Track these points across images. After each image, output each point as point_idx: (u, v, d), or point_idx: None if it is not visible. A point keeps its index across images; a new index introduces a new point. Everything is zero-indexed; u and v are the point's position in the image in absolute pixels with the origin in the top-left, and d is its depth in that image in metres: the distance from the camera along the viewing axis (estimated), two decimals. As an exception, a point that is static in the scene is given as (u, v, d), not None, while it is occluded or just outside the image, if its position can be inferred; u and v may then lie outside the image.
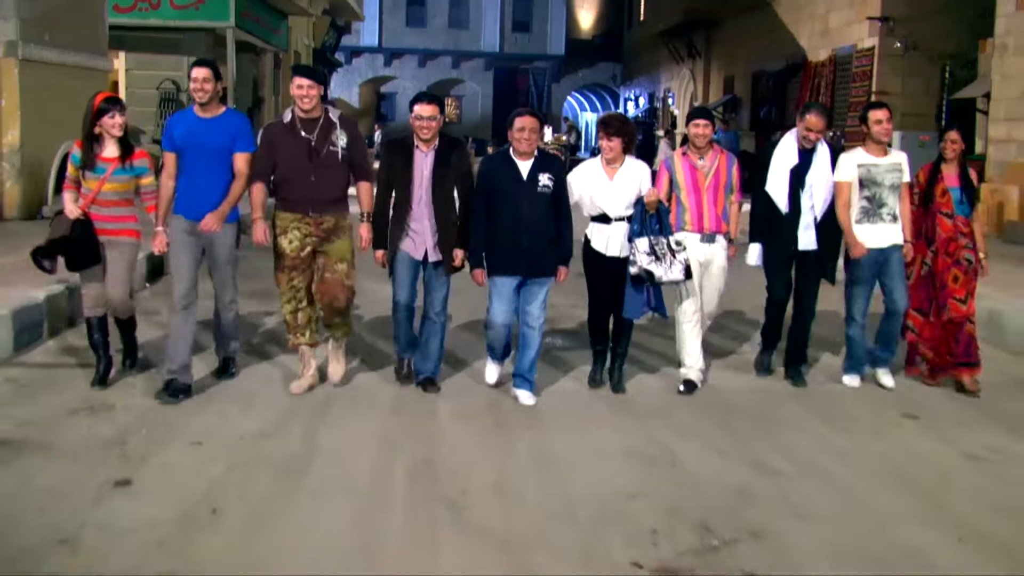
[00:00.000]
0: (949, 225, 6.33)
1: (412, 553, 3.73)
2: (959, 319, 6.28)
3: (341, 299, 5.76)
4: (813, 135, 6.12)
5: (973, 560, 3.86)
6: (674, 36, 31.49)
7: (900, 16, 18.29)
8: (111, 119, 5.55)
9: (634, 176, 5.86)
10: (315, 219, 5.58)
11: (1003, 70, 14.00)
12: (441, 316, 5.87)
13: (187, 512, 3.99)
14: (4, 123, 10.92)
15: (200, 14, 17.91)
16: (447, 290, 5.85)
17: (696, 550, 3.85)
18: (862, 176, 6.15)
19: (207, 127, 5.54)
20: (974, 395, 6.20)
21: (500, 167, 5.72)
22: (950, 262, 6.33)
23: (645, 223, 5.76)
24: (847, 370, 6.45)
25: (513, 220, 5.59)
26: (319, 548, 3.73)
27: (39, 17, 11.24)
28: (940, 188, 6.34)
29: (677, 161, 6.21)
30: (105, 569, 3.46)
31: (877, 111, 6.20)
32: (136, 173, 5.66)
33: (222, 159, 5.56)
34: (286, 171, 5.57)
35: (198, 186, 5.54)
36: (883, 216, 6.16)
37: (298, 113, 5.57)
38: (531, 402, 5.76)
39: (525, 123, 5.64)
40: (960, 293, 6.30)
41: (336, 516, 4.02)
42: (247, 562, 3.58)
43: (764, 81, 25.06)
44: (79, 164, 5.60)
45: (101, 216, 5.62)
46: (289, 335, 5.85)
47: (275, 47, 22.31)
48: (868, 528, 4.13)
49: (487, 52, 47.97)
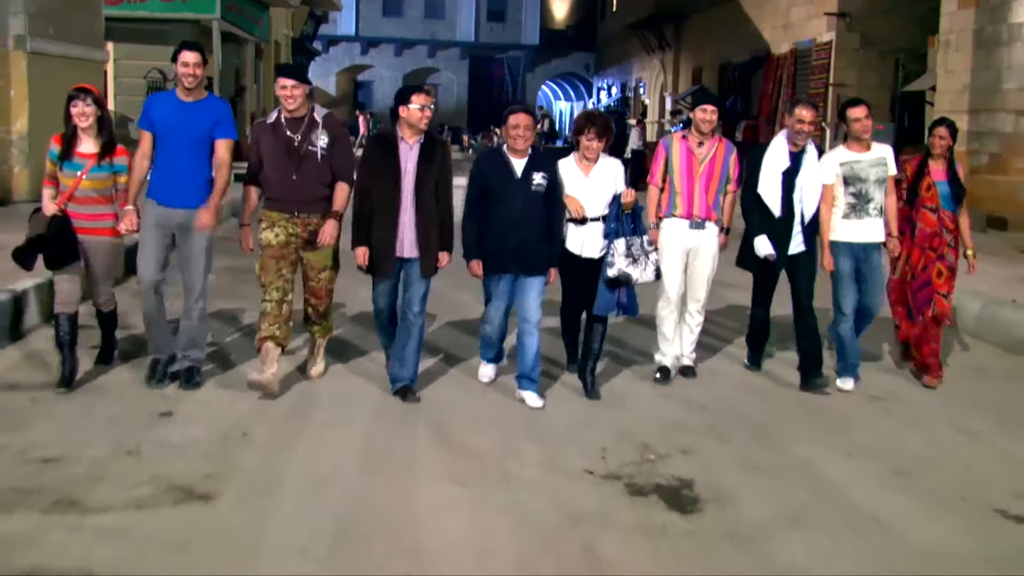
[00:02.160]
0: (933, 220, 6.28)
1: (399, 462, 4.63)
2: (942, 316, 6.27)
3: (324, 301, 5.77)
4: (805, 127, 5.97)
5: (850, 464, 4.82)
6: (645, 28, 32.38)
7: (856, 12, 19.25)
8: (75, 108, 5.43)
9: (610, 174, 5.77)
10: (302, 219, 5.53)
11: (947, 65, 14.95)
12: (420, 317, 5.64)
13: (224, 434, 4.89)
14: (13, 112, 11.66)
15: (187, 6, 18.74)
16: (426, 289, 5.65)
17: (636, 463, 4.77)
18: (846, 174, 6.10)
19: (189, 111, 5.46)
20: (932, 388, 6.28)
21: (494, 165, 5.63)
22: (933, 257, 6.29)
23: (623, 223, 5.69)
24: (841, 372, 6.26)
25: (506, 218, 5.50)
26: (329, 463, 4.62)
27: (44, 12, 11.97)
28: (926, 183, 6.30)
29: (675, 144, 6.14)
30: (168, 471, 4.34)
31: (855, 108, 6.13)
32: (115, 170, 5.57)
33: (201, 145, 5.49)
34: (269, 170, 5.53)
35: (174, 171, 5.45)
36: (869, 211, 6.10)
37: (284, 112, 5.54)
38: (539, 404, 5.57)
39: (520, 120, 5.53)
40: (944, 288, 6.28)
41: (344, 438, 4.93)
42: (275, 470, 4.48)
43: (730, 72, 26.03)
44: (55, 159, 5.50)
45: (79, 214, 5.51)
46: (260, 327, 5.54)
47: (257, 38, 23.05)
48: (773, 450, 5.07)
49: (462, 41, 48.70)
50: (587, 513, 4.16)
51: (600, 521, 4.09)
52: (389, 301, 5.77)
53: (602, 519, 4.11)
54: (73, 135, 5.49)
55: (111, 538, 3.71)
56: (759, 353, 6.61)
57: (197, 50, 5.46)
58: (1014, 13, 13.44)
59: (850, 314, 6.16)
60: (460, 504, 4.22)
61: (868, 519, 4.22)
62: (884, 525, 4.17)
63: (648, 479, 4.58)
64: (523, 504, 4.22)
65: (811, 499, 4.43)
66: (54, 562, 3.50)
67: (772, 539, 4.00)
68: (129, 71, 19.43)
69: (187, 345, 5.67)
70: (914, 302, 6.41)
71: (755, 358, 6.62)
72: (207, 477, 4.32)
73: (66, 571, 3.43)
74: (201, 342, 5.76)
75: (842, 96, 19.51)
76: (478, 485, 4.42)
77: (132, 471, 4.37)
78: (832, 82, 19.46)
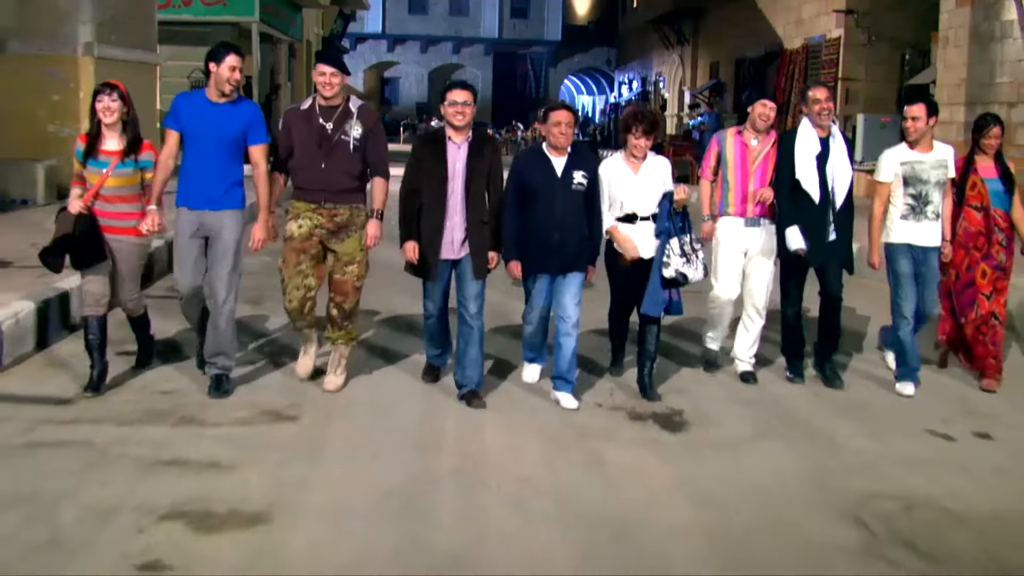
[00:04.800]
0: (978, 219, 6.11)
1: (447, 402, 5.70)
2: (985, 315, 6.14)
3: (350, 301, 5.64)
4: (822, 105, 5.85)
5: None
6: (664, 23, 33.29)
7: (863, 9, 20.12)
8: (100, 103, 5.35)
9: (659, 172, 5.71)
10: (329, 210, 5.45)
11: (945, 59, 15.81)
12: (477, 319, 5.56)
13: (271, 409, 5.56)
14: (82, 113, 12.81)
15: (228, 10, 19.98)
16: (481, 288, 5.57)
17: (636, 398, 5.81)
18: (907, 174, 5.93)
19: (219, 112, 5.35)
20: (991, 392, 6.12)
21: (534, 163, 5.56)
22: (978, 256, 6.13)
23: (675, 222, 5.61)
24: (901, 377, 6.11)
25: (546, 217, 5.44)
26: (390, 395, 5.71)
27: (108, 20, 13.12)
28: (971, 181, 6.11)
29: (729, 139, 6.07)
30: (259, 402, 5.44)
31: (912, 107, 5.96)
32: (141, 166, 5.47)
33: (232, 147, 5.40)
34: (299, 157, 5.48)
35: (204, 174, 5.38)
36: (927, 214, 5.94)
37: (319, 100, 5.49)
38: (573, 405, 5.52)
39: (561, 117, 5.47)
40: (987, 289, 6.14)
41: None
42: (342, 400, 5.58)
43: (746, 67, 26.89)
44: (81, 158, 5.43)
45: (105, 212, 5.45)
46: (292, 320, 5.77)
47: (290, 37, 24.27)
48: (759, 391, 6.09)
49: (486, 38, 49.74)
50: (595, 431, 5.23)
51: (605, 436, 5.15)
52: (440, 303, 5.69)
53: (606, 435, 5.17)
54: (98, 132, 5.42)
55: (226, 443, 4.81)
56: (799, 361, 6.27)
57: (238, 52, 5.37)
58: (1007, 11, 14.30)
59: (910, 318, 5.99)
60: (496, 424, 5.29)
61: (822, 435, 5.26)
62: (831, 439, 5.21)
63: (646, 409, 5.63)
64: (544, 425, 5.27)
65: (778, 422, 5.47)
66: (189, 456, 4.61)
67: (742, 447, 5.05)
68: (173, 72, 20.62)
69: (214, 352, 5.54)
70: (957, 303, 6.28)
71: (796, 367, 6.25)
72: (290, 405, 5.41)
73: (199, 460, 4.54)
74: (229, 349, 5.58)
75: (851, 90, 20.51)
76: (509, 411, 5.50)
77: (231, 402, 5.47)
78: (841, 76, 20.34)
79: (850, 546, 3.92)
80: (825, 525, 4.10)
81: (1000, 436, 5.32)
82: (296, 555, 3.69)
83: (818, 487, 4.52)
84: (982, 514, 4.26)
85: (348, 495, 4.25)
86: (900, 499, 4.38)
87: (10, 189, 11.83)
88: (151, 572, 3.51)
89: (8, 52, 12.29)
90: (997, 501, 4.43)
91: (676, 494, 4.41)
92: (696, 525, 4.07)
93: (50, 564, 3.54)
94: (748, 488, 4.49)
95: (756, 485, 4.53)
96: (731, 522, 4.11)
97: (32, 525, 3.82)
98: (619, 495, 4.38)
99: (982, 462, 4.94)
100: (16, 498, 4.05)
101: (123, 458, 4.54)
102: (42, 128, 12.54)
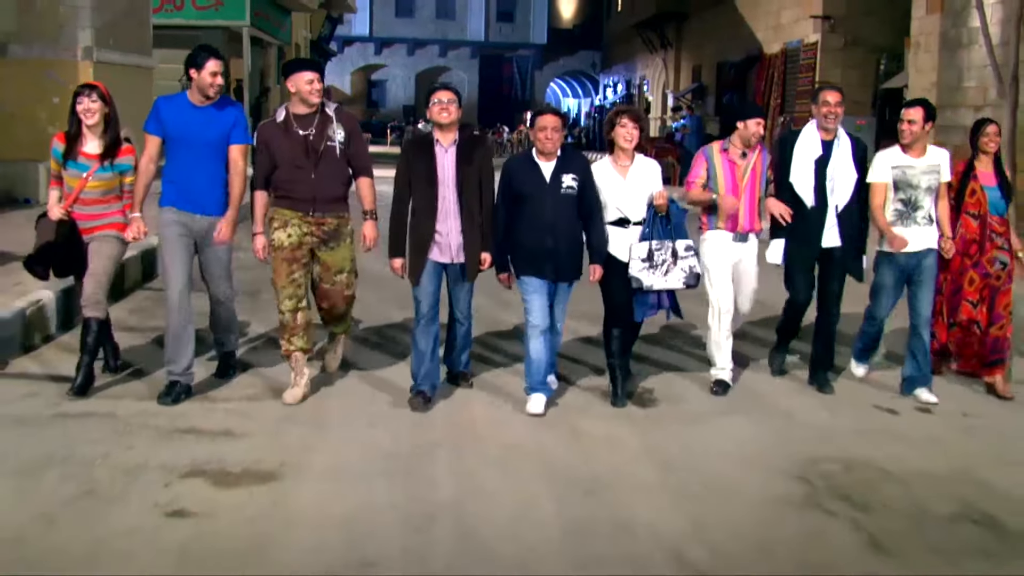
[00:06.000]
0: (975, 226, 6.06)
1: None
2: (967, 322, 6.16)
3: (341, 307, 5.74)
4: (831, 108, 5.82)
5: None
6: (648, 27, 33.91)
7: (840, 15, 20.75)
8: (80, 104, 5.33)
9: (647, 174, 5.71)
10: (317, 219, 5.43)
11: (917, 64, 16.38)
12: (469, 319, 5.80)
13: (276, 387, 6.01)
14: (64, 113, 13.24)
15: (219, 14, 20.35)
16: (472, 291, 5.74)
17: (613, 378, 6.32)
18: (896, 178, 5.86)
19: (204, 115, 5.33)
20: (1007, 398, 6.04)
21: (522, 168, 5.53)
22: (968, 264, 6.10)
23: (655, 226, 5.59)
24: (857, 358, 6.35)
25: (537, 223, 5.42)
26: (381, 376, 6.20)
27: (107, 25, 13.57)
28: (970, 188, 6.07)
29: (716, 157, 5.97)
30: (267, 383, 5.92)
31: (909, 110, 5.85)
32: (121, 170, 5.49)
33: (219, 149, 5.38)
34: (285, 171, 5.39)
35: (194, 177, 5.34)
36: (917, 219, 5.88)
37: (293, 110, 5.41)
38: (539, 410, 5.48)
39: (547, 122, 5.43)
40: (973, 296, 6.11)
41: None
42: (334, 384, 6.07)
43: (727, 71, 27.48)
44: (60, 158, 5.43)
45: (84, 215, 5.48)
46: (283, 340, 5.56)
47: (280, 41, 24.70)
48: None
49: (473, 41, 50.25)
50: (573, 407, 5.73)
51: (582, 411, 5.65)
52: (431, 302, 5.58)
53: (584, 411, 5.67)
54: (78, 133, 5.40)
55: (237, 415, 5.30)
56: (780, 353, 6.45)
57: (220, 57, 5.30)
58: (973, 18, 14.87)
59: (881, 320, 6.12)
60: (483, 401, 5.79)
61: (780, 411, 5.77)
62: (789, 414, 5.72)
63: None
64: (525, 401, 5.76)
65: (741, 400, 5.98)
66: (204, 425, 5.10)
67: (707, 420, 5.57)
68: (165, 75, 21.03)
69: (223, 331, 5.80)
70: (947, 308, 6.30)
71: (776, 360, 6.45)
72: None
73: (213, 429, 5.02)
74: (234, 328, 5.90)
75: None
76: (495, 392, 6.00)
77: (239, 381, 5.95)
78: (818, 80, 20.92)
79: (794, 500, 4.43)
80: (775, 484, 4.61)
81: (939, 411, 5.85)
82: (305, 505, 4.18)
83: (772, 454, 5.03)
84: (912, 472, 4.79)
85: (349, 457, 4.75)
86: (842, 461, 4.91)
87: (16, 188, 12.28)
88: (179, 518, 4.00)
89: (10, 56, 12.75)
90: (927, 462, 4.96)
91: (644, 459, 4.91)
92: (660, 484, 4.58)
93: (90, 512, 4.03)
94: (709, 454, 5.00)
95: (717, 451, 5.04)
96: (691, 481, 4.62)
97: (69, 482, 4.30)
98: (593, 459, 4.88)
99: (919, 432, 5.47)
100: (52, 459, 4.54)
101: (144, 427, 5.03)
102: (43, 130, 12.93)
